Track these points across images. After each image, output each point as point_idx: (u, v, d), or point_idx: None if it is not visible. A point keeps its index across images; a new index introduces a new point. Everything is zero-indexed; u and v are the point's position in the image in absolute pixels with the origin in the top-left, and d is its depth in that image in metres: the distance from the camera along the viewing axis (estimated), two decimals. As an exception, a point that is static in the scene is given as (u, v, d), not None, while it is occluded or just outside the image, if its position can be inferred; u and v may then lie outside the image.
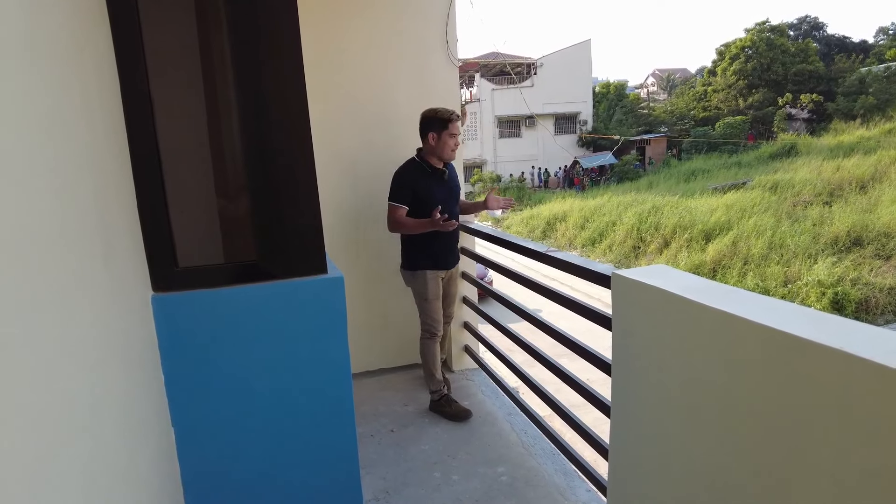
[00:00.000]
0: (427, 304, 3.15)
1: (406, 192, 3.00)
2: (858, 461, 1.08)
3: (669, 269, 1.79)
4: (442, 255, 3.13)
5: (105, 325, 1.17)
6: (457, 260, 3.27)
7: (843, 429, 1.10)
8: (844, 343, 1.10)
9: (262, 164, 1.51)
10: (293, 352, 1.51)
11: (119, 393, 1.20)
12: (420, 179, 3.02)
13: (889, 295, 9.45)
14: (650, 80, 55.50)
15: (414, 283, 3.16)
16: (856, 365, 1.06)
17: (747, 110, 30.68)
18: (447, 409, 3.13)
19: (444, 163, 3.06)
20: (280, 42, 1.43)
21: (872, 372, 1.04)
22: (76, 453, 0.94)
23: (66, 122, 1.07)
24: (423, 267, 3.10)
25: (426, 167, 3.03)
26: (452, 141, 2.98)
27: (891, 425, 1.01)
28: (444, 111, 2.98)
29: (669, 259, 12.66)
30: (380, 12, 3.42)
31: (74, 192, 1.08)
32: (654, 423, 1.70)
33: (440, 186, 3.06)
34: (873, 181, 14.99)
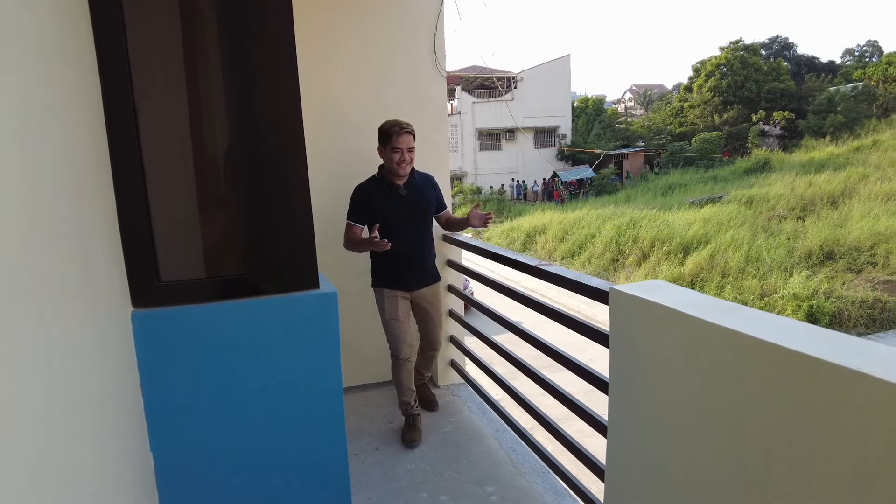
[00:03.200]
0: (386, 325, 3.01)
1: (359, 209, 2.90)
2: (875, 484, 1.05)
3: (667, 284, 1.76)
4: (398, 274, 2.97)
5: (80, 345, 1.09)
6: (424, 283, 3.05)
7: (858, 450, 1.07)
8: (860, 363, 1.07)
9: (252, 175, 1.44)
10: (284, 371, 1.44)
11: (94, 417, 1.12)
12: (375, 196, 2.88)
13: (860, 308, 9.63)
14: (627, 96, 56.45)
15: (377, 301, 3.06)
16: (872, 385, 1.03)
17: (722, 126, 31.31)
18: (404, 429, 3.10)
19: (402, 177, 2.88)
20: (275, 50, 1.38)
21: (888, 392, 1.01)
22: (46, 484, 0.86)
23: (43, 129, 1.00)
24: (378, 284, 3.01)
25: (383, 183, 2.90)
26: (396, 155, 2.79)
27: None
28: (388, 124, 2.83)
29: (648, 271, 12.76)
30: (370, 22, 3.38)
31: (50, 202, 1.00)
32: (656, 444, 1.65)
33: (395, 203, 2.88)
34: (843, 196, 15.38)
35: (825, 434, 1.13)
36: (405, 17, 3.45)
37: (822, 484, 1.15)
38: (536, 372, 2.77)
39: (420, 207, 2.97)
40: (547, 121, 33.71)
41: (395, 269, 2.96)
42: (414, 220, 2.94)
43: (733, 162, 25.45)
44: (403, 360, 3.02)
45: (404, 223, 2.90)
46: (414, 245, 2.93)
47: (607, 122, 35.37)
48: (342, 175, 3.41)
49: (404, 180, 2.89)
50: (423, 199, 2.98)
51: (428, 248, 3.07)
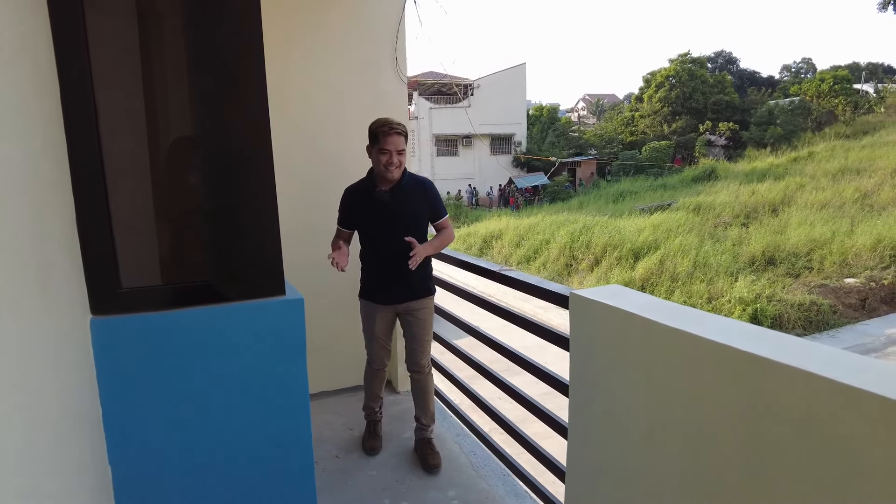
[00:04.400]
0: (364, 334, 2.94)
1: (343, 213, 2.78)
2: (818, 474, 1.12)
3: (625, 288, 1.82)
4: (374, 288, 2.81)
5: (36, 353, 1.05)
6: (414, 296, 2.79)
7: (804, 444, 1.14)
8: (805, 362, 1.14)
9: (216, 179, 1.42)
10: (248, 379, 1.42)
11: (50, 428, 1.08)
12: (357, 200, 2.73)
13: (798, 310, 10.10)
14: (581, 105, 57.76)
15: (361, 312, 2.95)
16: (816, 383, 1.10)
17: (671, 136, 32.41)
18: (364, 435, 3.09)
19: (390, 181, 2.64)
20: (241, 51, 1.36)
21: (832, 390, 1.08)
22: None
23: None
24: (361, 295, 2.90)
25: (369, 187, 2.70)
26: (384, 157, 2.57)
27: (850, 440, 1.05)
28: (378, 122, 2.62)
29: (600, 277, 13.06)
30: (331, 27, 3.37)
31: (5, 207, 0.97)
32: (615, 445, 1.71)
33: (376, 209, 2.66)
34: (783, 205, 16.15)
35: (773, 430, 1.20)
36: (367, 23, 3.46)
37: (771, 476, 1.22)
38: (496, 375, 2.82)
39: (405, 216, 2.67)
40: (503, 128, 34.12)
41: (372, 282, 2.81)
42: (396, 229, 2.63)
43: (682, 170, 26.33)
44: (377, 369, 2.96)
45: (385, 232, 2.66)
46: (395, 257, 2.60)
47: (561, 131, 36.07)
48: (305, 179, 3.39)
49: (391, 184, 2.66)
50: (410, 206, 2.69)
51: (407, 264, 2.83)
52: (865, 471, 1.03)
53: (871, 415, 1.01)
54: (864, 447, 1.03)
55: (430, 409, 2.91)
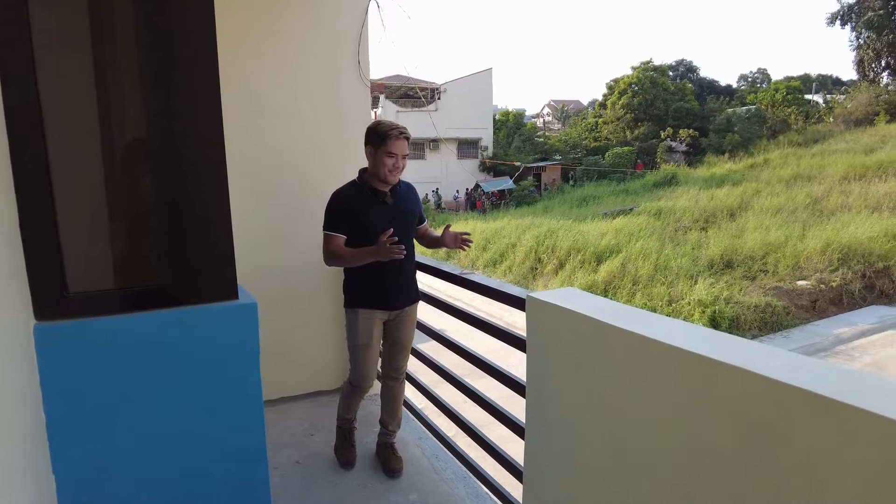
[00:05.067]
0: (354, 350, 2.66)
1: (340, 218, 2.55)
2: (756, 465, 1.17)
3: (579, 291, 1.87)
4: (385, 291, 2.62)
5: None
6: (411, 301, 2.73)
7: (746, 440, 1.18)
8: (742, 360, 1.19)
9: (168, 180, 1.39)
10: (200, 385, 1.39)
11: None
12: (357, 203, 2.56)
13: (755, 312, 10.44)
14: (546, 111, 58.51)
15: (347, 324, 2.69)
16: (758, 382, 1.15)
17: (634, 142, 33.09)
18: (337, 444, 2.93)
19: (388, 185, 2.58)
20: (194, 50, 1.34)
21: (770, 387, 1.12)
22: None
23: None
24: (354, 303, 2.63)
25: (366, 189, 2.57)
26: (390, 161, 2.49)
27: (784, 435, 1.10)
28: (386, 124, 2.53)
29: (565, 279, 13.24)
30: (292, 29, 3.35)
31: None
32: (570, 444, 1.74)
33: (381, 212, 2.56)
34: (740, 210, 16.67)
35: (715, 425, 1.24)
36: (328, 26, 3.45)
37: (714, 469, 1.26)
38: (459, 379, 2.83)
39: (406, 218, 2.66)
40: (470, 132, 34.31)
41: (383, 284, 2.61)
42: (406, 230, 2.59)
43: (643, 176, 26.91)
44: (364, 391, 2.79)
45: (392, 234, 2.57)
46: (399, 260, 2.48)
47: (527, 136, 36.49)
48: (262, 182, 3.36)
49: (387, 187, 2.60)
50: (408, 208, 2.68)
51: (412, 262, 2.75)
52: (796, 461, 1.08)
53: (798, 408, 1.06)
54: (793, 438, 1.08)
55: (398, 415, 2.88)
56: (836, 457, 1.01)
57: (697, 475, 1.30)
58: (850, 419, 0.98)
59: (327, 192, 3.58)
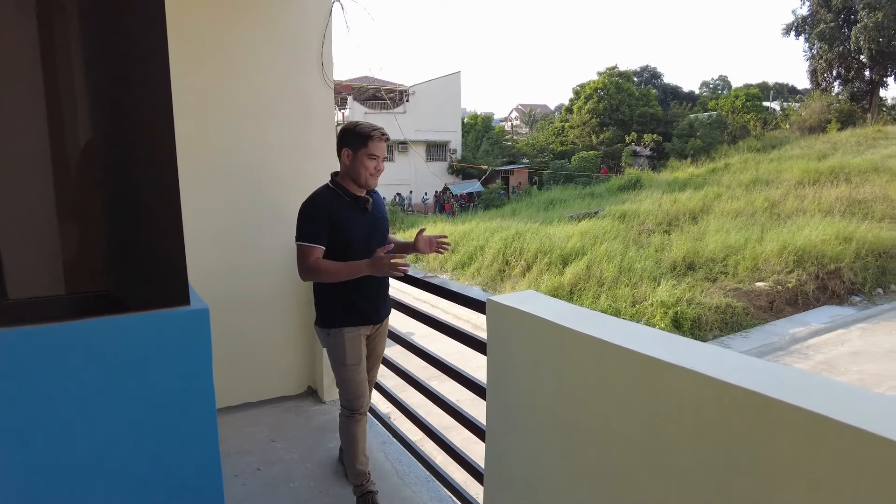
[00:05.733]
0: (345, 371, 2.43)
1: (319, 227, 2.30)
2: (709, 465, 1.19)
3: (539, 294, 1.88)
4: (370, 305, 2.45)
5: None
6: (388, 312, 2.64)
7: (697, 441, 1.21)
8: (693, 362, 1.21)
9: (116, 180, 1.35)
10: (150, 393, 1.35)
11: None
12: (336, 210, 2.33)
13: (716, 313, 10.69)
14: (514, 114, 59.06)
15: (329, 344, 2.45)
16: (706, 384, 1.17)
17: (599, 146, 33.65)
18: None
19: (367, 189, 2.42)
20: (144, 46, 1.30)
21: (719, 389, 1.15)
22: None
23: None
24: (342, 323, 2.40)
25: (344, 195, 2.36)
26: (372, 164, 2.33)
27: (734, 434, 1.13)
28: (366, 125, 2.36)
29: (532, 282, 13.34)
30: (252, 30, 3.30)
31: None
32: (529, 445, 1.75)
33: (362, 219, 2.39)
34: (702, 213, 17.07)
35: (669, 426, 1.26)
36: (293, 28, 3.42)
37: (672, 472, 1.28)
38: (422, 383, 2.83)
39: (384, 224, 2.53)
40: (438, 135, 34.37)
41: (367, 298, 2.43)
42: (375, 238, 2.44)
43: (608, 180, 27.36)
44: (361, 415, 2.50)
45: (370, 243, 2.37)
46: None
47: (495, 139, 36.75)
48: (219, 185, 3.30)
49: (363, 191, 2.43)
50: (382, 215, 2.54)
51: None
52: (746, 460, 1.10)
53: (746, 409, 1.08)
54: (742, 437, 1.11)
55: None
56: (782, 455, 1.04)
57: (655, 476, 1.32)
58: (794, 419, 1.00)
59: (289, 193, 3.54)
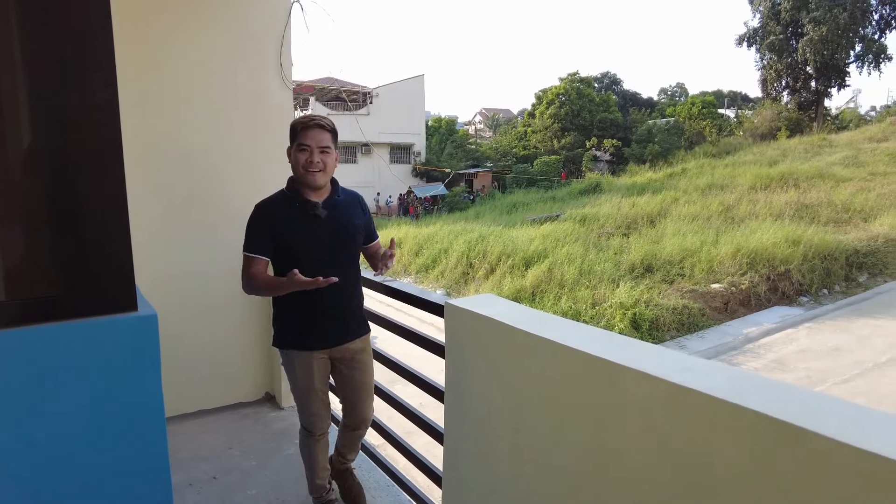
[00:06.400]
0: (298, 395, 2.29)
1: (261, 236, 2.12)
2: (657, 463, 1.22)
3: (496, 297, 1.89)
4: (320, 326, 2.20)
5: None
6: (354, 334, 2.29)
7: (646, 440, 1.24)
8: (643, 364, 1.25)
9: (59, 182, 1.30)
10: (97, 402, 1.30)
11: None
12: (281, 217, 2.13)
13: (673, 314, 10.97)
14: (478, 118, 59.49)
15: (284, 364, 2.32)
16: (656, 385, 1.21)
17: (561, 151, 34.19)
18: None
19: (315, 188, 2.13)
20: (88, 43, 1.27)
21: (669, 389, 1.18)
22: None
23: None
24: (291, 344, 2.23)
25: (294, 199, 2.14)
26: (304, 155, 2.06)
27: (681, 434, 1.16)
28: (299, 117, 2.16)
29: (495, 284, 13.44)
30: (210, 30, 3.24)
31: None
32: (485, 448, 1.76)
33: (309, 226, 2.13)
34: (660, 216, 17.51)
35: (625, 429, 1.29)
36: (250, 28, 3.37)
37: (625, 473, 1.31)
38: (383, 388, 2.81)
39: (345, 234, 2.21)
40: (402, 137, 34.35)
41: (310, 319, 2.19)
42: (336, 250, 2.18)
43: (569, 184, 27.80)
44: (320, 435, 2.37)
45: (323, 255, 2.15)
46: (336, 285, 2.04)
47: (459, 143, 36.93)
48: (170, 187, 3.22)
49: (323, 196, 2.17)
50: (349, 223, 2.22)
51: (355, 289, 2.30)
52: (694, 459, 1.14)
53: (693, 409, 1.12)
54: (689, 437, 1.14)
55: (357, 448, 2.59)
56: (727, 453, 1.08)
57: (605, 476, 1.35)
58: (737, 417, 1.04)
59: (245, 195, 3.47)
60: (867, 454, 0.87)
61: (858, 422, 0.95)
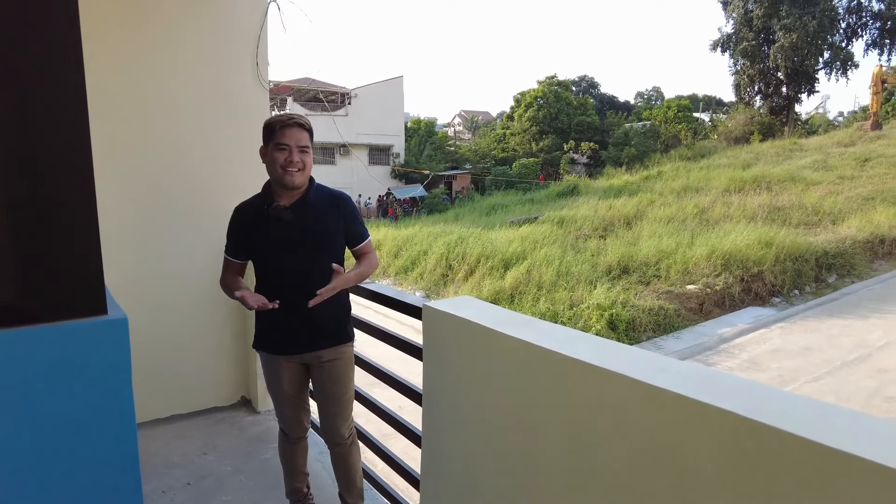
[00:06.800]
0: (271, 395, 2.34)
1: (235, 238, 2.15)
2: (630, 462, 1.23)
3: (475, 300, 1.90)
4: (272, 334, 2.17)
5: None
6: (328, 342, 2.18)
7: (620, 440, 1.25)
8: (617, 365, 1.26)
9: (25, 183, 1.26)
10: (65, 409, 1.26)
11: None
12: (248, 219, 2.11)
13: (649, 315, 11.11)
14: (457, 120, 59.59)
15: (261, 362, 2.35)
16: (631, 385, 1.21)
17: (539, 153, 34.43)
18: None
19: (290, 189, 2.06)
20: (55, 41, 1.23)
21: (638, 388, 1.19)
22: None
23: None
24: (257, 345, 2.23)
25: (267, 202, 2.08)
26: (282, 155, 1.99)
27: (654, 431, 1.17)
28: (275, 116, 2.08)
29: (474, 286, 13.46)
30: (184, 30, 3.20)
31: None
32: (462, 450, 1.76)
33: (273, 230, 2.06)
34: (636, 219, 17.73)
35: (602, 430, 1.30)
36: (226, 28, 3.33)
37: (597, 470, 1.32)
38: (360, 391, 2.79)
39: (312, 237, 2.09)
40: (381, 139, 34.25)
41: (279, 323, 2.13)
42: (305, 253, 2.09)
43: (548, 186, 28.00)
44: (296, 438, 2.36)
45: (285, 258, 2.07)
46: (300, 290, 2.02)
47: (438, 144, 36.95)
48: (148, 186, 3.17)
49: (294, 196, 2.09)
50: (318, 226, 2.11)
51: (333, 297, 2.14)
52: (668, 457, 1.15)
53: (667, 408, 1.13)
54: (664, 436, 1.15)
55: (357, 484, 2.38)
56: (700, 452, 1.09)
57: (582, 476, 1.35)
58: (711, 417, 1.06)
59: (219, 196, 3.45)
60: (835, 451, 0.89)
61: (826, 419, 0.96)
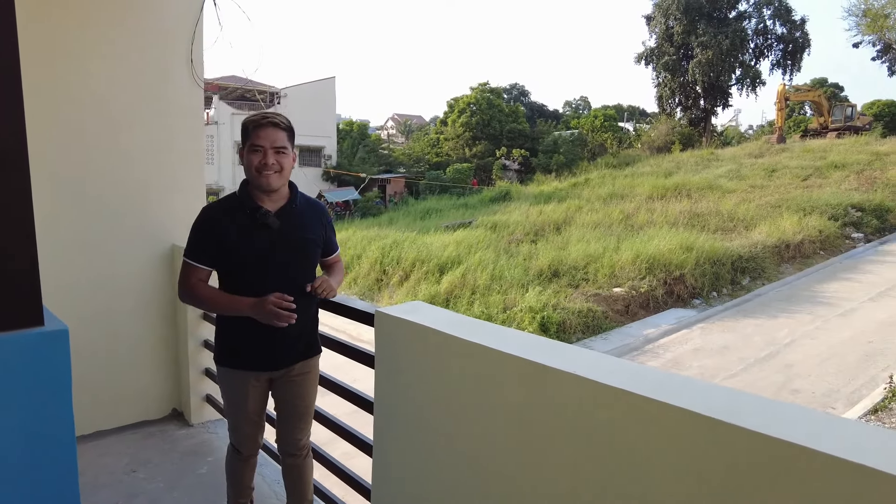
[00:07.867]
0: (230, 413, 2.19)
1: (204, 243, 1.96)
2: (583, 460, 1.28)
3: (426, 305, 1.90)
4: (263, 348, 2.01)
5: None
6: (301, 356, 2.11)
7: (575, 437, 1.29)
8: (575, 367, 1.30)
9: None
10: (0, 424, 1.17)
11: None
12: (227, 224, 1.95)
13: (578, 317, 11.49)
14: (390, 123, 59.38)
15: (217, 376, 2.20)
16: (584, 385, 1.26)
17: (472, 158, 34.88)
18: None
19: (272, 196, 1.96)
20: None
21: (596, 389, 1.24)
22: None
23: None
24: (224, 362, 2.09)
25: (246, 204, 1.95)
26: (256, 157, 1.88)
27: (607, 429, 1.23)
28: (252, 115, 1.97)
29: (409, 291, 13.46)
30: (116, 27, 3.04)
31: None
32: (416, 458, 1.76)
33: (259, 236, 1.94)
34: (565, 224, 18.30)
35: (555, 430, 1.34)
36: (159, 25, 3.19)
37: (553, 470, 1.35)
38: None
39: (299, 246, 2.01)
40: (312, 140, 33.57)
41: (252, 339, 1.99)
42: (286, 263, 1.99)
43: (481, 191, 28.41)
44: (248, 455, 2.25)
45: (268, 270, 1.95)
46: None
47: (371, 147, 36.66)
48: (76, 190, 2.99)
49: (279, 202, 1.99)
50: (305, 234, 2.04)
51: (309, 308, 2.09)
52: (623, 454, 1.20)
53: (619, 407, 1.18)
54: (615, 434, 1.21)
55: (307, 498, 2.32)
56: (652, 447, 1.14)
57: (541, 478, 1.39)
58: (662, 414, 1.11)
59: (154, 199, 3.30)
60: (778, 441, 0.96)
61: (766, 412, 1.04)
